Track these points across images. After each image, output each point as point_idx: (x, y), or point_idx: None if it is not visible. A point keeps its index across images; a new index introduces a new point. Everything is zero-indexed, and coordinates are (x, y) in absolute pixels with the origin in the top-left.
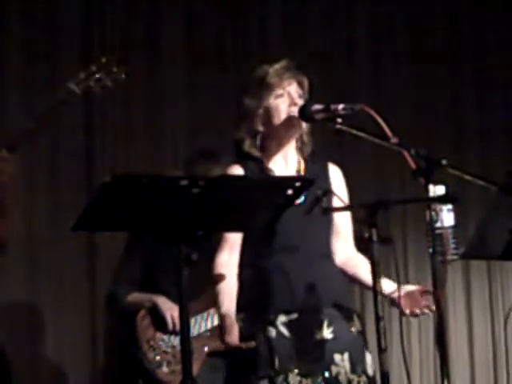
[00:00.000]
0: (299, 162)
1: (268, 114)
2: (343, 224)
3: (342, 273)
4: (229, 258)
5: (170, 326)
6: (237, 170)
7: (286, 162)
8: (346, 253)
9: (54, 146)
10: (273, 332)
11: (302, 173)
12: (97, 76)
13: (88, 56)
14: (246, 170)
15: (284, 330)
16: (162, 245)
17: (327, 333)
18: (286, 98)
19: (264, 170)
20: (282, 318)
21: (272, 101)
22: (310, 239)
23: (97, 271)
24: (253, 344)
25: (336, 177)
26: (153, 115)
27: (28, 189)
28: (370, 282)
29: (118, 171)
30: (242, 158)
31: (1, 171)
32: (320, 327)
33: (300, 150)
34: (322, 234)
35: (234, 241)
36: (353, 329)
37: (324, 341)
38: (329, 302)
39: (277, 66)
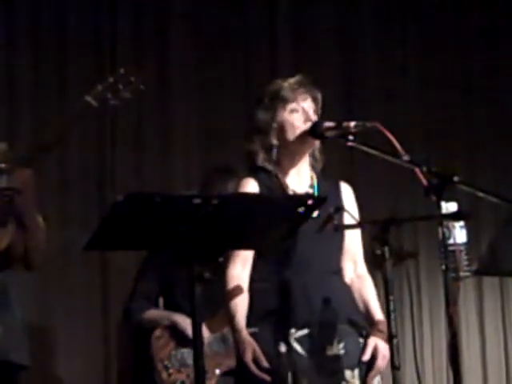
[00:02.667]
0: (312, 178)
1: (282, 128)
2: (353, 244)
3: None
4: (241, 272)
5: None
6: (251, 184)
7: (299, 177)
8: (353, 274)
9: (65, 163)
10: (285, 348)
11: (315, 189)
12: (114, 88)
13: (99, 68)
14: (259, 183)
15: (296, 346)
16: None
17: (339, 349)
18: (301, 114)
19: (278, 184)
20: (294, 334)
21: (287, 115)
22: (323, 255)
23: (110, 292)
24: (267, 378)
25: (347, 195)
26: (163, 131)
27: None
28: (369, 306)
29: (130, 189)
30: (255, 172)
31: (14, 187)
32: (331, 343)
33: (312, 165)
34: (334, 250)
35: (246, 254)
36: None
37: (336, 357)
38: (343, 317)
39: (291, 81)
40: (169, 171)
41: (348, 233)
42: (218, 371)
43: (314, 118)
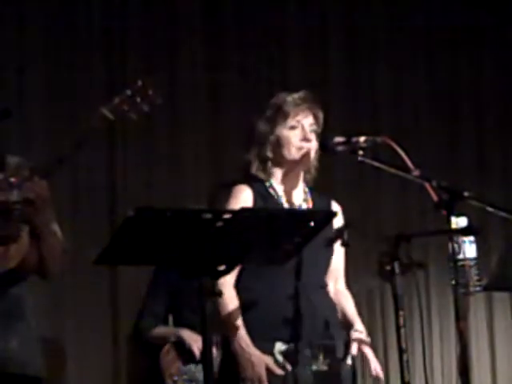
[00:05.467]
0: (305, 192)
1: (279, 142)
2: (337, 261)
3: None
4: (230, 279)
5: (198, 356)
6: (245, 192)
7: (292, 190)
8: (333, 287)
9: (76, 179)
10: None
11: (310, 203)
12: (132, 100)
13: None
14: (254, 191)
15: (280, 359)
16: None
17: (323, 364)
18: (300, 132)
19: (272, 194)
20: (279, 347)
21: (285, 131)
22: (312, 268)
23: (120, 306)
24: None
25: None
26: (174, 147)
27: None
28: (350, 317)
29: (140, 204)
30: (250, 180)
31: (25, 200)
32: (316, 358)
33: (305, 179)
34: (324, 265)
35: None
36: (348, 361)
37: (320, 372)
38: (331, 333)
39: (295, 96)
40: (179, 184)
41: (335, 250)
42: None
43: (312, 137)
